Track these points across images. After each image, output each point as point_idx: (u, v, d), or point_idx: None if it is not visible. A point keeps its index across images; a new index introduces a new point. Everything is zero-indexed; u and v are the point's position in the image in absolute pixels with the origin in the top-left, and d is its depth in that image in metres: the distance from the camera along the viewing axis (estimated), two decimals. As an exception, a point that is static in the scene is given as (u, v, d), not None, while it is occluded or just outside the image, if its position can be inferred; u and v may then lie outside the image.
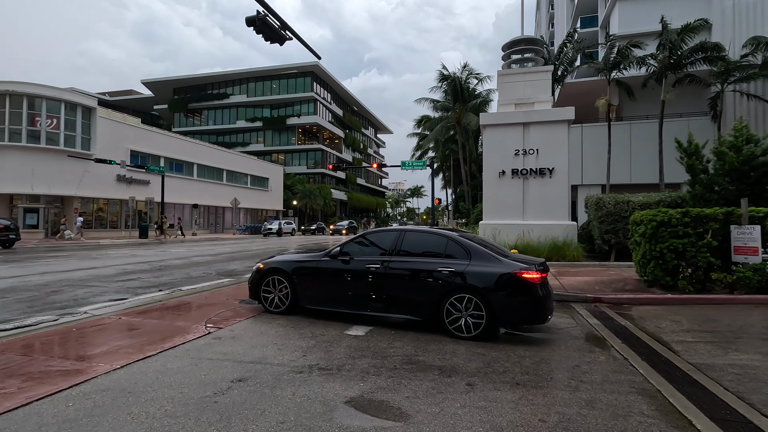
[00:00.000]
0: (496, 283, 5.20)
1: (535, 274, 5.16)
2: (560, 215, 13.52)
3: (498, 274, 5.21)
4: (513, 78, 14.76)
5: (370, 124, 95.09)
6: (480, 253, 5.44)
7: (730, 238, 7.92)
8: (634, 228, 8.82)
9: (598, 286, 8.84)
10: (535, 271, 5.19)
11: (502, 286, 5.18)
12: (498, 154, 14.23)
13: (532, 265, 5.25)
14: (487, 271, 5.27)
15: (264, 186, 54.85)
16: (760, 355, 4.68)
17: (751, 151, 10.85)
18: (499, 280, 5.19)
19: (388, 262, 5.76)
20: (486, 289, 5.21)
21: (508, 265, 5.26)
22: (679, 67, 22.03)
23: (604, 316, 6.81)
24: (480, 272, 5.28)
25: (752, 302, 7.39)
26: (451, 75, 33.61)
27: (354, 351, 4.72)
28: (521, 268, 5.18)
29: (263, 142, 69.75)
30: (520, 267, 5.20)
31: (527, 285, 5.13)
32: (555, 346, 5.08)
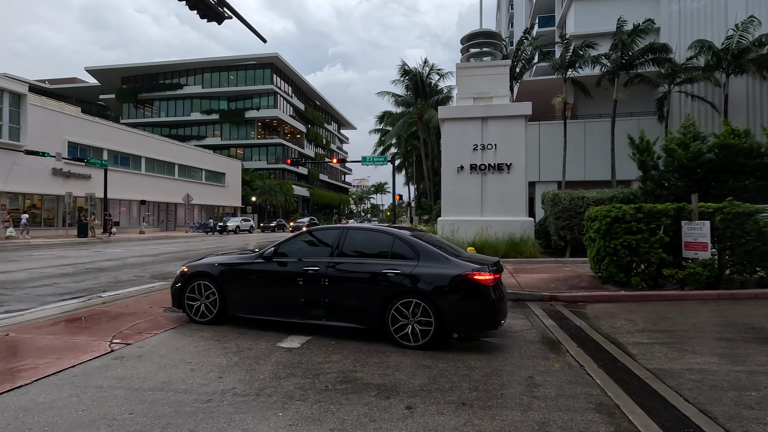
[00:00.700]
0: (446, 286, 4.72)
1: (487, 275, 4.72)
2: (518, 211, 13.39)
3: (447, 275, 4.73)
4: (471, 72, 14.48)
5: (333, 120, 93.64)
6: (429, 253, 4.94)
7: (681, 234, 7.89)
8: (589, 224, 8.67)
9: (554, 284, 8.63)
10: (488, 272, 4.75)
11: (451, 289, 4.70)
12: (456, 148, 13.92)
13: (484, 266, 4.81)
14: (435, 272, 4.77)
15: (220, 181, 52.56)
16: (715, 357, 4.46)
17: (698, 148, 11.05)
18: (449, 283, 4.71)
19: (328, 264, 5.15)
20: (434, 292, 4.72)
21: (459, 265, 4.79)
22: (630, 67, 22.71)
23: (559, 316, 6.53)
24: (428, 274, 4.78)
25: (702, 298, 7.37)
26: (413, 70, 33.28)
27: (282, 368, 4.08)
28: (473, 269, 4.72)
29: (220, 135, 66.92)
30: (471, 268, 4.74)
31: (479, 287, 4.68)
32: (508, 353, 4.66)
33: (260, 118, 65.19)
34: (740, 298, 7.26)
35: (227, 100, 66.39)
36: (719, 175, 11.03)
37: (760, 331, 5.34)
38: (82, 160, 29.97)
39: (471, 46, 15.01)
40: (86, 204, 29.96)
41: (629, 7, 25.06)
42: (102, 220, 30.52)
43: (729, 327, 5.61)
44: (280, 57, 62.55)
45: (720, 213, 7.58)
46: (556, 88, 24.85)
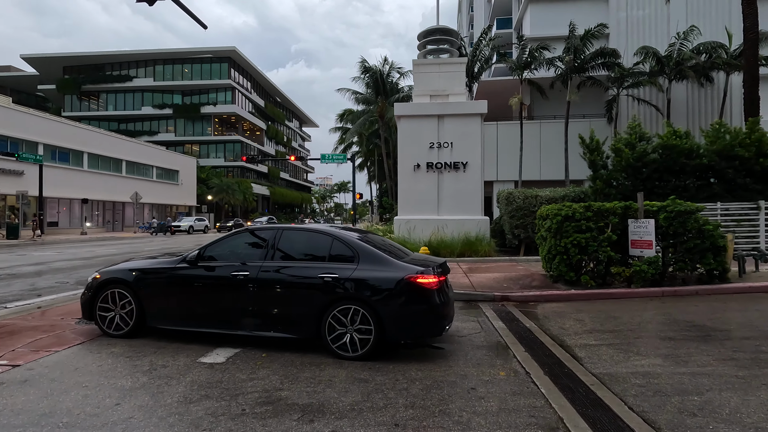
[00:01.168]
0: (386, 291, 4.36)
1: (431, 278, 4.40)
2: (473, 210, 13.33)
3: (388, 279, 4.38)
4: (428, 68, 14.29)
5: (295, 117, 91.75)
6: (369, 255, 4.56)
7: (628, 232, 7.97)
8: (541, 223, 8.63)
9: (506, 283, 8.52)
10: (432, 274, 4.44)
11: (393, 294, 4.36)
12: (413, 146, 13.68)
13: (429, 268, 4.49)
14: (376, 276, 4.41)
15: (173, 179, 50.03)
16: (660, 358, 4.37)
17: (644, 148, 11.37)
18: (390, 287, 4.36)
19: (259, 268, 4.66)
20: (375, 298, 4.35)
21: (401, 268, 4.45)
22: (582, 70, 23.43)
23: (509, 318, 6.36)
24: (368, 278, 4.40)
25: (647, 295, 7.46)
26: (373, 67, 32.94)
27: (196, 390, 3.58)
28: (416, 272, 4.39)
29: (174, 131, 63.82)
30: (415, 270, 4.41)
31: (422, 291, 4.35)
32: (453, 361, 4.37)
33: (217, 113, 62.70)
34: (682, 295, 7.41)
35: (181, 95, 63.36)
36: (663, 174, 11.40)
37: (701, 329, 5.37)
38: (12, 154, 27.44)
39: (428, 43, 14.83)
40: (17, 203, 27.46)
41: (582, 12, 25.89)
42: (32, 219, 28.04)
43: (672, 325, 5.61)
44: (238, 51, 60.43)
45: (664, 211, 7.71)
46: (514, 88, 25.29)
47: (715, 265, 7.44)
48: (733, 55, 22.85)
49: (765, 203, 10.86)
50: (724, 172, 11.09)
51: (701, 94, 25.40)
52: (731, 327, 5.40)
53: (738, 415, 3.10)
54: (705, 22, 25.06)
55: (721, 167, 11.04)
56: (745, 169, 11.07)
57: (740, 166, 11.04)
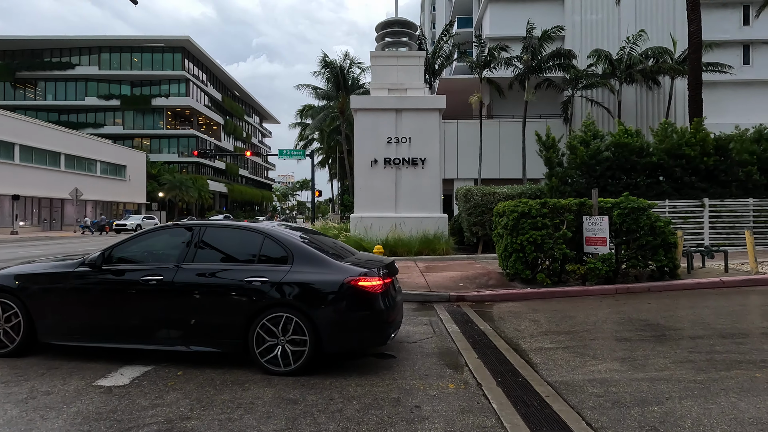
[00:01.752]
0: (323, 296, 3.84)
1: (375, 280, 3.92)
2: (432, 207, 13.03)
3: (326, 282, 3.86)
4: (386, 61, 13.84)
5: (255, 112, 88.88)
6: (305, 255, 4.02)
7: (583, 229, 7.87)
8: (498, 220, 8.39)
9: (462, 283, 8.21)
10: (377, 276, 3.95)
11: (330, 299, 3.84)
12: (370, 141, 13.19)
13: (373, 269, 4.01)
14: (312, 279, 3.87)
15: (120, 175, 46.96)
16: (617, 362, 4.11)
17: (597, 146, 11.47)
18: (327, 291, 3.84)
19: (176, 271, 4.00)
20: (310, 304, 3.82)
21: (341, 270, 3.93)
22: (539, 70, 23.81)
23: (464, 320, 6.00)
24: (303, 282, 3.86)
25: (601, 293, 7.36)
26: (334, 62, 32.15)
27: (80, 424, 2.90)
28: (358, 274, 3.89)
29: (122, 124, 60.00)
30: (356, 272, 3.91)
31: (364, 296, 3.86)
32: (398, 373, 3.91)
33: (170, 106, 59.51)
34: (635, 292, 7.37)
35: (130, 85, 59.68)
36: (615, 172, 11.55)
37: (655, 328, 5.21)
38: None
39: (386, 35, 14.38)
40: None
41: (539, 14, 26.35)
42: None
43: (627, 325, 5.44)
44: (193, 41, 57.60)
45: (618, 208, 7.65)
46: (474, 87, 25.37)
47: (666, 261, 7.46)
48: (677, 61, 24.00)
49: (709, 201, 11.23)
50: (672, 171, 11.37)
51: (649, 97, 26.57)
52: (684, 325, 5.29)
53: (701, 427, 2.83)
54: (652, 27, 26.20)
55: (669, 165, 11.31)
56: (691, 168, 11.40)
57: (687, 165, 11.36)
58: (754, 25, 28.37)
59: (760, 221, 11.27)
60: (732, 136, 11.69)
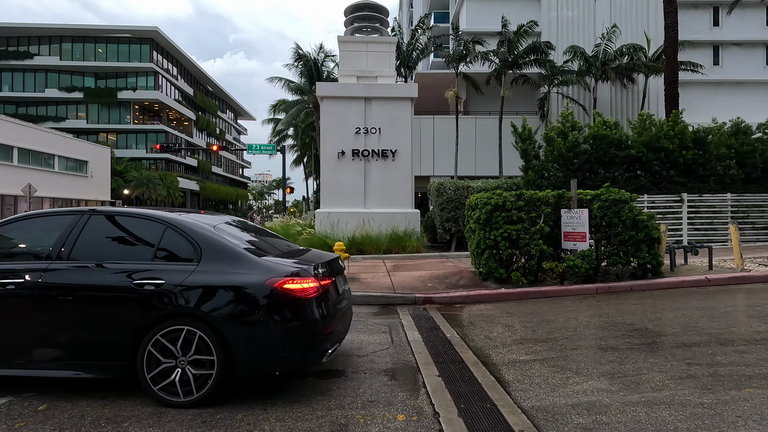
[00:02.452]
0: (237, 302, 2.97)
1: (307, 282, 3.07)
2: (403, 202, 12.26)
3: (242, 285, 2.99)
4: (356, 47, 12.99)
5: (230, 108, 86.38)
6: (218, 251, 3.13)
7: (561, 224, 7.23)
8: (470, 213, 7.67)
9: (431, 283, 7.45)
10: (310, 277, 3.11)
11: (246, 307, 2.97)
12: (337, 131, 12.32)
13: (307, 267, 3.16)
14: (224, 281, 2.99)
15: (82, 171, 44.42)
16: (605, 379, 3.39)
17: (576, 137, 10.93)
18: (243, 297, 2.98)
19: (42, 272, 3.05)
20: (219, 313, 2.94)
21: (263, 269, 3.07)
22: (516, 65, 23.41)
23: (429, 326, 5.23)
24: (212, 284, 2.98)
25: (581, 293, 6.72)
26: (307, 55, 31.04)
27: None
28: (285, 274, 3.04)
29: (86, 117, 57.04)
30: (284, 272, 3.05)
31: (292, 301, 3.01)
32: (336, 400, 3.08)
33: (137, 100, 56.91)
34: (616, 292, 6.76)
35: (94, 77, 56.83)
36: (593, 166, 11.04)
37: (644, 334, 4.55)
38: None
39: (356, 19, 13.52)
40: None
41: (515, 9, 26.00)
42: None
43: (612, 330, 4.77)
44: (161, 32, 55.33)
45: (598, 200, 7.04)
46: (450, 82, 24.77)
47: (649, 258, 6.88)
48: (651, 59, 24.02)
49: (688, 196, 10.85)
50: (651, 164, 10.94)
51: (623, 94, 26.58)
52: (676, 330, 4.65)
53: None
54: (627, 25, 26.22)
55: (648, 159, 10.87)
56: (669, 162, 10.99)
57: (665, 159, 10.95)
58: (724, 27, 28.85)
59: (737, 217, 10.95)
60: (710, 129, 11.36)
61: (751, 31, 28.80)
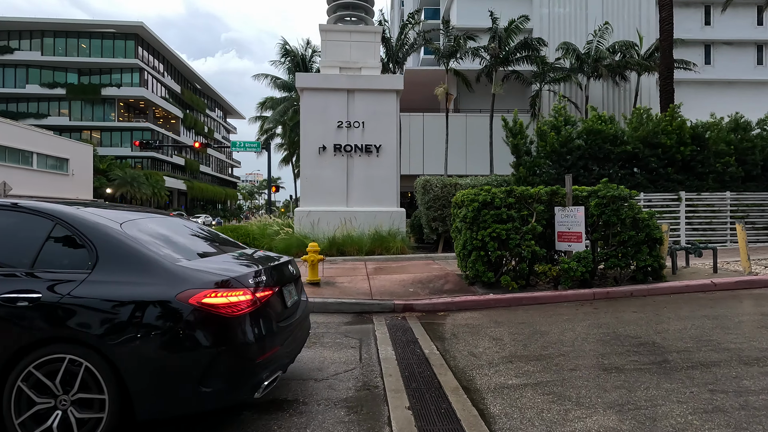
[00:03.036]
0: (137, 324, 2.27)
1: (235, 294, 2.39)
2: (388, 201, 11.59)
3: (144, 301, 2.28)
4: (338, 36, 12.28)
5: (218, 107, 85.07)
6: (121, 254, 2.42)
7: (555, 222, 6.61)
8: (456, 211, 7.02)
9: (413, 287, 6.78)
10: (241, 287, 2.42)
11: (149, 331, 2.27)
12: (318, 125, 11.60)
13: (238, 276, 2.47)
14: (120, 295, 2.29)
15: (62, 169, 43.10)
16: (612, 412, 2.74)
17: (569, 132, 10.35)
18: (145, 316, 2.27)
19: None
20: (113, 338, 2.23)
21: (176, 277, 2.37)
22: (507, 62, 22.89)
23: (406, 339, 4.56)
24: (105, 298, 2.27)
25: (577, 299, 6.10)
26: (294, 50, 30.25)
27: None
28: (204, 284, 2.35)
29: (68, 114, 55.66)
30: (202, 281, 2.36)
31: (213, 321, 2.32)
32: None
33: (122, 96, 55.59)
34: (615, 297, 6.15)
35: (77, 73, 55.40)
36: (587, 162, 10.48)
37: (652, 350, 3.92)
38: None
39: (339, 7, 12.82)
40: None
41: (507, 6, 25.46)
42: None
43: (615, 344, 4.13)
44: (147, 28, 54.04)
45: (595, 197, 6.43)
46: (441, 79, 24.18)
47: (651, 260, 6.28)
48: (643, 57, 23.65)
49: (686, 194, 10.33)
50: (648, 161, 10.40)
51: (616, 93, 26.21)
52: (688, 345, 4.03)
53: None
54: (619, 23, 25.85)
55: (645, 155, 10.33)
56: (667, 158, 10.47)
57: (663, 155, 10.42)
58: (716, 26, 28.65)
59: (737, 216, 10.45)
60: (708, 124, 10.86)
61: (743, 30, 28.64)
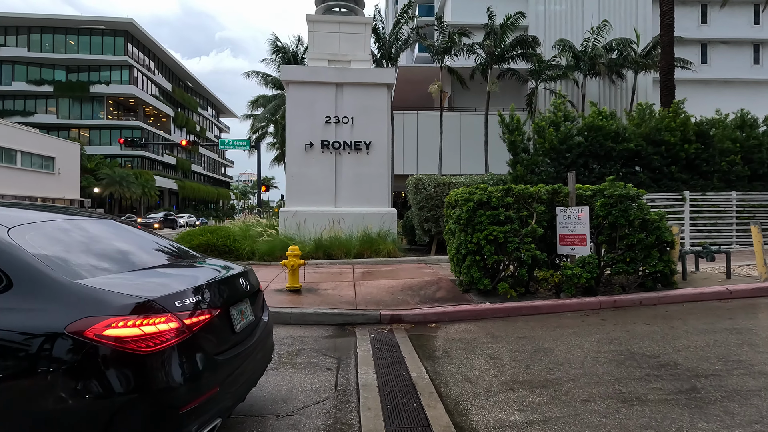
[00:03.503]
0: (14, 365, 1.66)
1: (154, 323, 1.80)
2: (378, 200, 11.01)
3: (24, 333, 1.68)
4: (327, 27, 11.68)
5: (211, 105, 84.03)
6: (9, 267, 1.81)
7: (556, 224, 6.07)
8: (449, 212, 6.46)
9: (403, 295, 6.20)
10: (163, 314, 1.83)
11: (32, 374, 1.66)
12: (305, 120, 10.99)
13: (160, 297, 1.88)
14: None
15: (48, 168, 42.10)
16: (642, 465, 2.17)
17: (569, 129, 9.83)
18: (25, 355, 1.67)
19: None
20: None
21: (72, 301, 1.77)
22: (502, 59, 22.40)
23: (392, 359, 3.98)
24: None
25: (581, 308, 5.56)
26: (285, 47, 29.57)
27: None
28: (112, 310, 1.75)
29: (56, 112, 54.51)
30: (111, 305, 1.76)
31: (120, 360, 1.72)
32: None
33: (111, 94, 54.52)
34: (623, 307, 5.61)
35: (65, 70, 54.25)
36: (588, 160, 9.98)
37: (675, 373, 3.38)
38: None
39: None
40: None
41: (502, 2, 24.99)
42: None
43: (631, 366, 3.58)
44: (137, 24, 53.03)
45: (601, 196, 5.90)
46: (435, 77, 23.65)
47: (661, 266, 5.75)
48: (641, 55, 23.27)
49: (690, 194, 9.84)
50: (651, 159, 9.91)
51: (612, 91, 25.84)
52: (716, 367, 3.48)
53: None
54: (616, 20, 25.46)
55: (648, 153, 9.84)
56: (670, 157, 9.99)
57: (666, 153, 9.94)
58: (712, 25, 28.38)
59: (743, 217, 9.99)
60: (713, 121, 10.39)
61: (740, 29, 28.40)
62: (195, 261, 2.71)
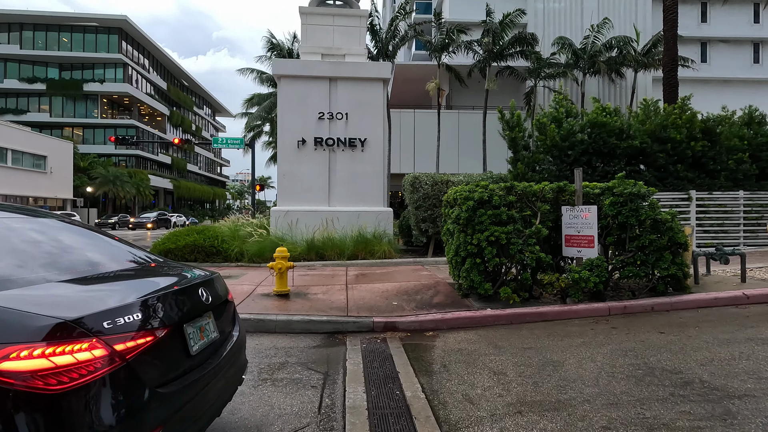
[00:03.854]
0: None
1: (74, 349, 1.40)
2: (373, 200, 10.61)
3: None
4: (320, 20, 11.27)
5: (207, 104, 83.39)
6: None
7: (562, 224, 5.70)
8: (447, 211, 6.06)
9: (398, 300, 5.80)
10: (84, 338, 1.43)
11: None
12: (297, 116, 10.58)
13: (91, 313, 1.47)
14: None
15: (40, 167, 41.49)
16: None
17: (571, 125, 9.46)
18: None
19: None
20: None
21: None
22: (501, 57, 22.06)
23: (384, 374, 3.58)
24: None
25: (590, 314, 5.18)
26: (280, 44, 29.13)
27: None
28: (22, 335, 1.33)
29: (49, 111, 53.79)
30: (19, 327, 1.35)
31: (22, 403, 1.31)
32: None
33: (105, 93, 53.86)
34: (634, 313, 5.24)
35: (58, 68, 53.58)
36: (591, 158, 9.61)
37: (702, 393, 3.00)
38: None
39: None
40: None
41: (500, 1, 24.66)
42: None
43: (653, 384, 3.20)
44: (131, 22, 52.40)
45: (610, 194, 5.52)
46: (433, 75, 23.29)
47: (674, 269, 5.38)
48: (641, 53, 22.98)
49: (696, 193, 9.49)
50: (656, 158, 9.55)
51: (612, 90, 25.55)
52: (749, 385, 3.11)
53: None
54: (616, 18, 25.17)
55: (653, 151, 9.48)
56: (676, 154, 9.64)
57: (672, 151, 9.59)
58: (712, 23, 28.14)
59: (750, 217, 9.65)
60: (720, 118, 10.05)
61: (739, 28, 28.17)
62: (149, 267, 2.30)
